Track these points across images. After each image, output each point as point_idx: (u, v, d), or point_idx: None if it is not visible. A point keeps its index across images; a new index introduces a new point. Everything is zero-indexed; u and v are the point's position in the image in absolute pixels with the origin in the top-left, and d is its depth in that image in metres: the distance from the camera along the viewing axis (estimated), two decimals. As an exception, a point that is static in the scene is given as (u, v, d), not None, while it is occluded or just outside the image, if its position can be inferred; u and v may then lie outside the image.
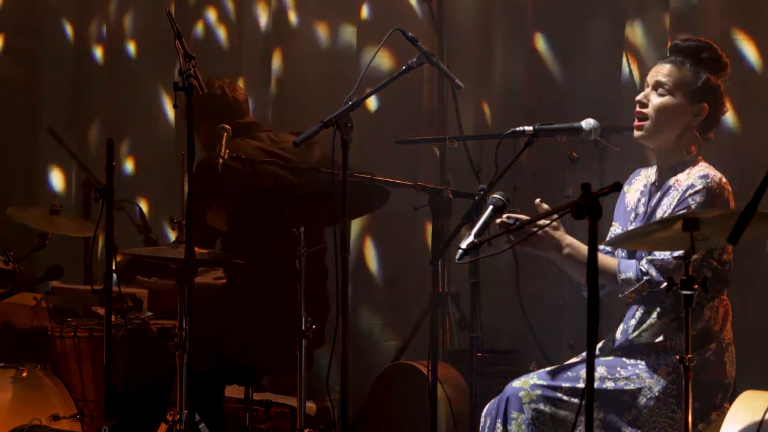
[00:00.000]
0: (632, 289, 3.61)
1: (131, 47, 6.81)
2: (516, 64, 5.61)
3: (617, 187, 2.99)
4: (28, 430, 4.53)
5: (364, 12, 6.00)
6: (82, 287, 5.81)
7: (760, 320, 4.62)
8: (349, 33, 6.12)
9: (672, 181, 3.70)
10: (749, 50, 4.83)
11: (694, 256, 3.20)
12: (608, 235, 3.87)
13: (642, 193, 3.82)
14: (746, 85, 4.73)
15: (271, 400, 5.20)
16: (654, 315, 3.67)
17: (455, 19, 5.79)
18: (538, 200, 3.72)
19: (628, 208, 3.84)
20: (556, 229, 3.67)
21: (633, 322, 3.72)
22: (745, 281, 4.49)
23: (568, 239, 3.68)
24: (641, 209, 3.78)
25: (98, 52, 6.87)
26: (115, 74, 6.79)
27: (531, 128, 3.92)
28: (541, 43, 5.50)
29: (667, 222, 3.30)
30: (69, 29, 6.88)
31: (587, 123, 3.91)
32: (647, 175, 3.86)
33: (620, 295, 3.67)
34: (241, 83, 6.26)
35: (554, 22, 5.49)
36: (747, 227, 2.36)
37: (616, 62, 5.29)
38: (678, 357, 3.24)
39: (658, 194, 3.73)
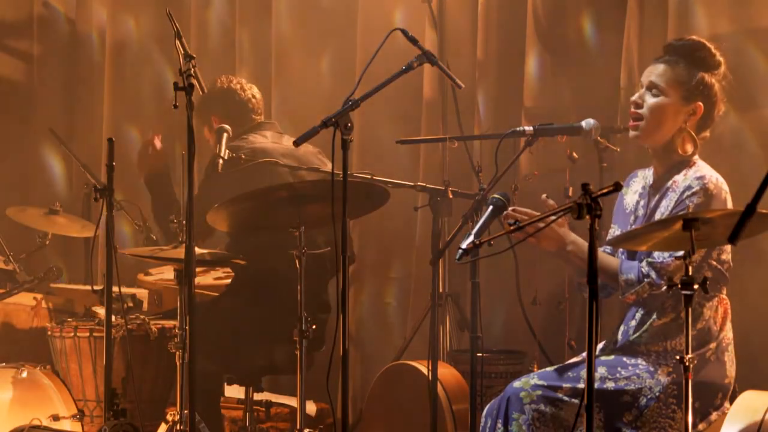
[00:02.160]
0: (633, 290, 3.62)
1: (131, 45, 6.80)
2: (515, 64, 5.61)
3: (617, 187, 2.99)
4: (28, 430, 4.53)
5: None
6: (82, 287, 5.82)
7: (759, 320, 4.62)
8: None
9: (669, 182, 3.70)
10: (750, 50, 4.84)
11: (694, 256, 3.20)
12: (607, 238, 3.87)
13: (641, 195, 3.82)
14: (748, 84, 4.73)
15: (271, 400, 5.20)
16: (654, 316, 3.67)
17: (455, 19, 5.79)
18: (544, 195, 3.72)
19: (627, 210, 3.84)
20: (560, 225, 3.67)
21: (633, 323, 3.72)
22: (745, 281, 4.49)
23: (572, 236, 3.69)
24: (641, 211, 3.79)
25: (98, 52, 6.87)
26: (116, 72, 6.79)
27: (531, 128, 3.93)
28: (540, 42, 5.50)
29: (667, 222, 3.30)
30: (68, 27, 6.88)
31: (587, 123, 3.92)
32: (644, 176, 3.86)
33: (620, 297, 3.67)
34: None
35: (554, 21, 5.49)
36: (747, 227, 2.36)
37: (616, 62, 5.29)
38: (678, 357, 3.24)
39: (657, 196, 3.73)
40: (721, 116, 3.83)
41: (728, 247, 3.65)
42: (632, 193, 3.86)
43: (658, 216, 3.68)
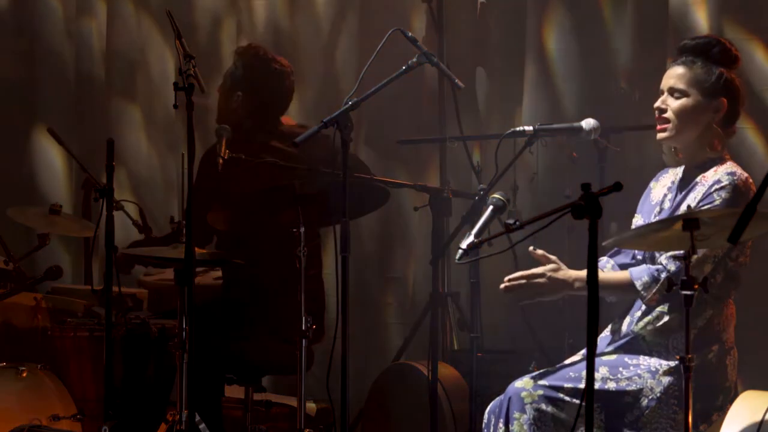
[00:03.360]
0: (653, 291, 3.60)
1: (132, 44, 6.79)
2: (515, 64, 5.61)
3: (617, 187, 2.98)
4: (28, 430, 4.53)
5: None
6: (82, 287, 5.81)
7: (760, 320, 4.62)
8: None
9: (698, 177, 3.70)
10: (751, 49, 4.84)
11: (694, 257, 3.20)
12: (632, 227, 3.86)
13: (669, 189, 3.82)
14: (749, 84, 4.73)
15: (271, 400, 5.19)
16: (660, 308, 3.66)
17: (455, 19, 5.79)
18: (531, 248, 3.70)
19: (653, 203, 3.83)
20: (556, 271, 3.66)
21: (639, 313, 3.71)
22: (745, 281, 4.48)
23: (574, 274, 3.67)
24: (667, 204, 3.78)
25: (98, 51, 6.86)
26: (116, 72, 6.78)
27: (531, 128, 3.93)
28: (540, 42, 5.50)
29: (667, 222, 3.30)
30: (68, 26, 6.87)
31: (587, 123, 3.92)
32: (675, 173, 3.85)
33: (643, 302, 3.66)
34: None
35: (553, 21, 5.49)
36: (747, 227, 2.36)
37: (616, 62, 5.29)
38: (678, 357, 3.24)
39: (685, 190, 3.73)
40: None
41: (747, 251, 3.66)
42: (660, 187, 3.86)
43: (683, 209, 3.67)
